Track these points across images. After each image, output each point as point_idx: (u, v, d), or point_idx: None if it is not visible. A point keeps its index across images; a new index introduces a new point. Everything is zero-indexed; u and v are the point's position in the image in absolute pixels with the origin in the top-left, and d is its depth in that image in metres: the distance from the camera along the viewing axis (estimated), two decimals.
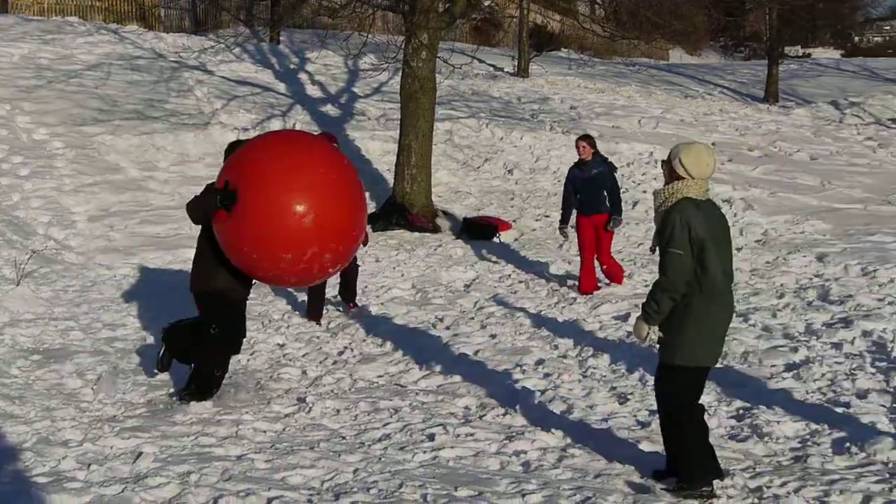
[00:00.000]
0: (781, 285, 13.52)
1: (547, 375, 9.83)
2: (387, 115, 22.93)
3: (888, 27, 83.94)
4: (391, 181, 18.63)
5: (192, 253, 9.35)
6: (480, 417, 8.62)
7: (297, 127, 21.16)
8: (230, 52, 27.16)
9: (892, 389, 9.04)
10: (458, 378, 9.82)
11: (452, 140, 21.98)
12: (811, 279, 13.82)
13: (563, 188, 13.95)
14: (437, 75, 18.54)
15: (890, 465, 7.25)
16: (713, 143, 23.56)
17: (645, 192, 19.87)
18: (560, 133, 23.07)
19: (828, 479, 6.96)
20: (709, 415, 7.99)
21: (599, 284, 13.53)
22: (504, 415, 8.68)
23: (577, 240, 13.64)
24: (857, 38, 71.93)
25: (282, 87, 25.23)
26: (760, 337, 10.94)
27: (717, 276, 6.63)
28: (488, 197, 19.70)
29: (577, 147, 13.55)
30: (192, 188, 17.55)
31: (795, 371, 9.56)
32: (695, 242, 6.56)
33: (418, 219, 17.51)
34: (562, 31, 36.09)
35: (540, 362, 10.30)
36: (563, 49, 37.15)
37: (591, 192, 13.37)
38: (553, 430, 8.21)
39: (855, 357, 10.14)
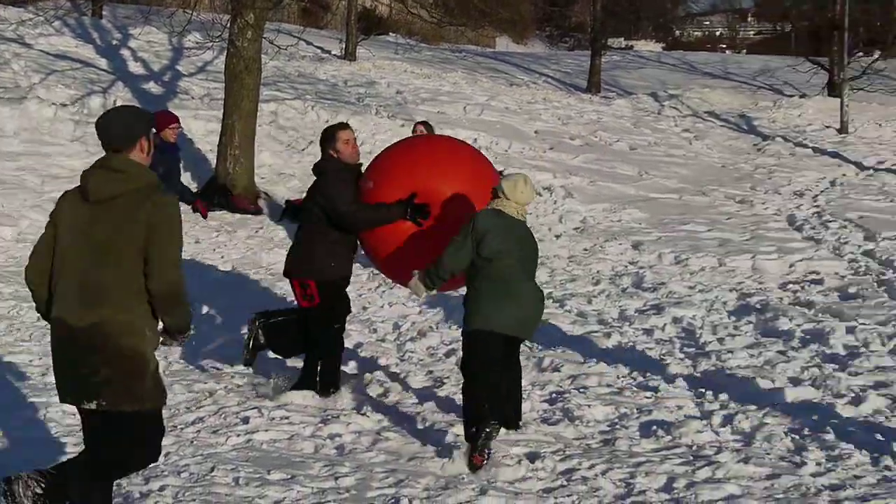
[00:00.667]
0: (598, 272, 13.80)
1: (364, 359, 9.86)
2: (211, 94, 22.61)
3: (707, 22, 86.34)
4: (214, 161, 18.39)
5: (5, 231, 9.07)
6: (296, 401, 8.59)
7: (118, 103, 20.72)
8: (50, 26, 26.42)
9: (699, 375, 9.34)
10: (274, 361, 9.78)
11: (277, 122, 21.77)
12: (626, 266, 14.15)
13: None
14: (262, 56, 18.35)
15: (694, 447, 7.49)
16: (536, 132, 23.87)
17: None
18: (386, 118, 23.08)
19: (634, 462, 7.15)
20: (523, 398, 8.14)
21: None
22: (318, 399, 8.67)
23: None
24: (678, 32, 73.74)
25: (103, 62, 24.64)
26: (575, 322, 11.17)
27: (495, 264, 7.38)
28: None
29: (415, 131, 13.41)
30: (5, 163, 17.08)
31: (608, 356, 9.79)
32: (475, 233, 7.23)
33: (240, 200, 17.31)
34: (390, 15, 36.11)
35: (358, 346, 10.33)
36: (391, 33, 37.18)
37: None
38: (368, 413, 8.25)
39: (665, 343, 10.43)
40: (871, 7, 37.64)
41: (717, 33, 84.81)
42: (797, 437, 7.59)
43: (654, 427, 7.85)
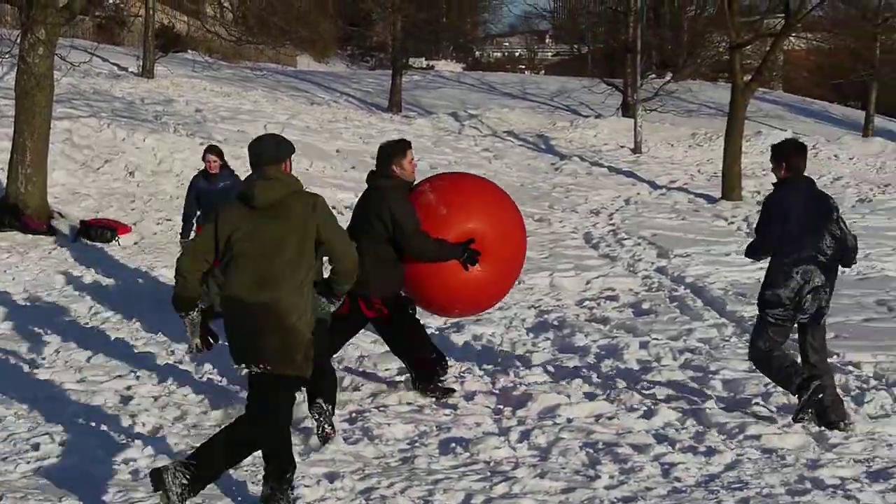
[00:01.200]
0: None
1: (162, 381, 9.67)
2: (1, 111, 21.94)
3: (507, 43, 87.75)
4: (4, 181, 17.83)
5: None
6: (91, 426, 8.37)
7: None
8: None
9: (497, 391, 9.43)
10: (70, 386, 9.52)
11: (71, 140, 21.23)
12: None
13: (185, 197, 13.16)
14: (55, 72, 17.88)
15: (492, 463, 7.55)
16: (337, 150, 23.92)
17: None
18: (185, 136, 22.75)
19: (433, 479, 7.17)
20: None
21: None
22: (115, 423, 8.46)
23: None
24: (478, 53, 74.70)
25: None
26: (376, 341, 11.14)
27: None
28: (108, 199, 19.15)
29: (206, 161, 12.71)
30: None
31: (407, 375, 9.80)
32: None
33: (32, 220, 16.83)
34: (189, 32, 35.57)
35: (154, 368, 10.13)
36: (189, 51, 36.62)
37: (215, 206, 12.64)
38: (167, 436, 8.09)
39: (465, 360, 10.51)
40: (662, 31, 38.89)
41: (517, 54, 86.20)
42: (591, 450, 7.73)
43: (453, 444, 7.89)
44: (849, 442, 7.95)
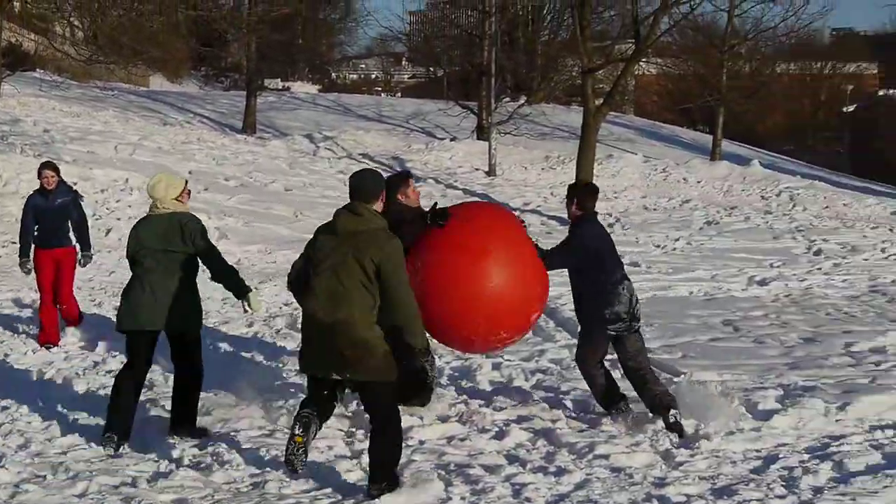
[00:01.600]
0: (252, 314, 13.68)
1: (5, 409, 9.41)
2: None
3: (363, 65, 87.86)
4: None
5: None
6: None
7: None
8: None
9: (349, 415, 9.37)
10: None
11: None
12: (281, 308, 14.12)
13: (22, 216, 12.60)
14: None
15: (344, 486, 7.49)
16: (190, 172, 23.62)
17: (119, 219, 19.58)
18: (32, 157, 22.24)
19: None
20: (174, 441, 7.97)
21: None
22: None
23: (36, 276, 12.40)
24: (334, 75, 74.64)
25: None
26: (227, 366, 11.02)
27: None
28: None
29: (42, 177, 12.22)
30: None
31: (260, 398, 9.68)
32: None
33: None
34: (37, 51, 34.81)
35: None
36: (38, 70, 35.87)
37: (54, 223, 12.21)
38: (7, 465, 7.87)
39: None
40: (517, 55, 39.34)
41: (373, 76, 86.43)
42: (443, 472, 7.74)
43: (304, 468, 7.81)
44: (694, 459, 8.09)
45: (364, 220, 7.13)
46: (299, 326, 12.64)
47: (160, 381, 10.25)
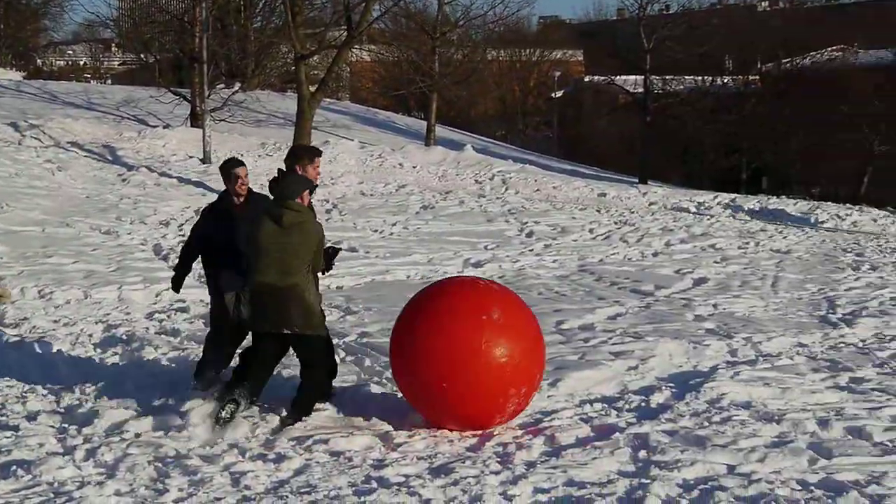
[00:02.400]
0: None
1: None
2: None
3: (71, 52, 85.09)
4: None
5: None
6: None
7: None
8: None
9: (62, 410, 9.12)
10: None
11: None
12: None
13: None
14: None
15: (55, 484, 7.27)
16: None
17: None
18: None
19: None
20: None
21: None
22: None
23: None
24: (39, 61, 71.97)
25: None
26: None
27: None
28: None
29: None
30: None
31: None
32: None
33: None
34: None
35: None
36: None
37: None
38: None
39: (27, 380, 10.07)
40: (230, 42, 38.86)
41: (81, 63, 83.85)
42: (160, 464, 7.61)
43: (14, 467, 7.53)
44: (412, 440, 8.23)
45: (301, 214, 8.65)
46: (6, 321, 12.28)
47: None
